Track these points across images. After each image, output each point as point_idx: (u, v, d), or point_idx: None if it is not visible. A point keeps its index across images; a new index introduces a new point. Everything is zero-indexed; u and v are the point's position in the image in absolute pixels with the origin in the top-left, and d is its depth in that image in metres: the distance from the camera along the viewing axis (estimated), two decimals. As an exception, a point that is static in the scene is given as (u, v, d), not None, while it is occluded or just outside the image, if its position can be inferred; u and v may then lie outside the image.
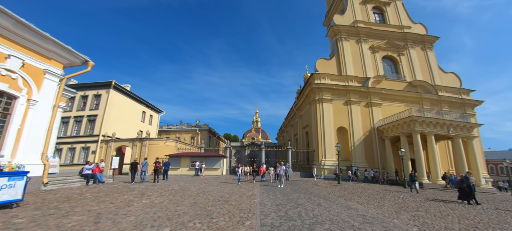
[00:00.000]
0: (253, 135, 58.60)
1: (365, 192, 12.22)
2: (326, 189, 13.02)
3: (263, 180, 16.29)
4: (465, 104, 29.04)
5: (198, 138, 42.14)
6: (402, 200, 10.00)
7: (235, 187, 12.03)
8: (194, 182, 14.26)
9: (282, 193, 10.11)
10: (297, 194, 9.99)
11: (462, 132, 20.60)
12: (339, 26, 31.50)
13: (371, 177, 21.93)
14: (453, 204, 9.54)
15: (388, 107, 26.54)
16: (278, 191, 10.94)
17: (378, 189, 14.68)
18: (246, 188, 11.75)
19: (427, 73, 30.87)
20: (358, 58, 30.17)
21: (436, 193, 14.92)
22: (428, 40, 33.44)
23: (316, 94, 26.65)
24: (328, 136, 24.45)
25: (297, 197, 8.89)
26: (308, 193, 10.40)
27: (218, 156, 24.29)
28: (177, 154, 25.11)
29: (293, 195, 9.57)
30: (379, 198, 10.09)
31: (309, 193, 10.60)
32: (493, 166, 52.54)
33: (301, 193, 10.43)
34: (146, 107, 37.62)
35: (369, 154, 24.53)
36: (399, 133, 21.78)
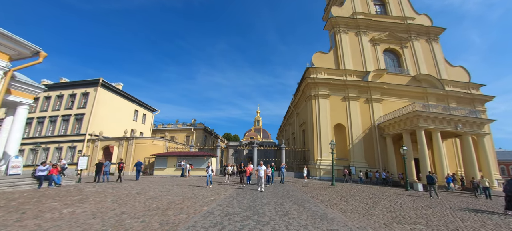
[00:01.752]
0: (252, 135, 57.07)
1: (358, 196, 10.60)
2: (314, 192, 11.43)
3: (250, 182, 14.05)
4: (474, 99, 26.86)
5: (193, 137, 40.89)
6: (399, 206, 8.33)
7: (201, 191, 10.26)
8: (164, 184, 12.82)
9: (254, 198, 8.50)
10: (270, 199, 8.47)
11: (471, 129, 18.60)
12: (337, 17, 29.75)
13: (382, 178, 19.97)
14: (485, 214, 7.80)
15: (390, 103, 24.62)
16: (251, 195, 9.35)
17: (376, 192, 12.98)
18: (214, 192, 10.15)
19: (432, 66, 28.79)
20: (357, 51, 28.32)
21: (452, 197, 13.10)
22: (433, 31, 31.31)
23: (312, 90, 24.97)
24: (325, 134, 22.74)
25: (264, 204, 7.34)
26: (286, 198, 8.85)
27: (207, 155, 22.90)
28: (164, 154, 23.87)
29: (263, 200, 8.03)
30: (371, 203, 8.47)
31: (288, 197, 9.05)
32: (504, 167, 49.71)
33: (278, 197, 8.89)
34: (139, 105, 36.59)
35: (369, 153, 22.69)
36: (401, 130, 19.90)
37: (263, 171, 11.09)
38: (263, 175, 11.01)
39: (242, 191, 10.64)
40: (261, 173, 11.03)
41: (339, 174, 21.60)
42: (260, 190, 10.76)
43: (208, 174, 12.04)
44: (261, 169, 11.15)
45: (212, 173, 12.06)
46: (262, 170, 11.10)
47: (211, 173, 12.01)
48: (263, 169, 11.15)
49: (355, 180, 20.55)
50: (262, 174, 10.99)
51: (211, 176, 12.01)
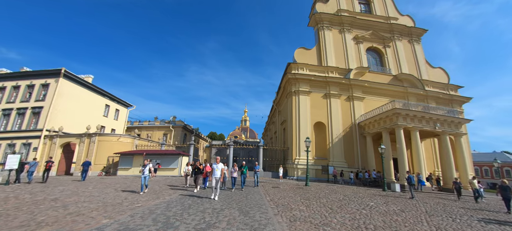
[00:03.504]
0: (237, 134, 55.47)
1: (326, 198, 9.45)
2: (279, 194, 10.15)
3: (206, 186, 11.19)
4: (452, 100, 27.09)
5: (171, 135, 38.63)
6: (368, 210, 7.20)
7: (129, 197, 7.96)
8: (105, 188, 10.84)
9: (184, 207, 6.63)
10: (211, 205, 6.86)
11: (449, 128, 18.28)
12: (321, 14, 29.00)
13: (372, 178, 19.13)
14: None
15: (371, 101, 24.07)
16: (190, 202, 7.25)
17: (350, 193, 11.95)
18: (146, 198, 7.97)
19: (413, 67, 28.80)
20: (340, 48, 27.68)
21: (429, 198, 12.31)
22: (416, 32, 31.45)
23: (292, 86, 23.88)
24: (304, 132, 21.67)
25: (192, 214, 5.71)
26: (235, 204, 7.39)
27: (176, 154, 21.06)
28: (130, 152, 21.74)
29: (197, 208, 6.38)
30: (336, 208, 7.31)
31: (238, 202, 7.59)
32: (477, 168, 51.91)
33: (226, 203, 7.41)
34: (111, 100, 33.82)
35: (349, 152, 21.91)
36: (381, 128, 19.24)
37: (219, 172, 8.30)
38: (218, 176, 8.23)
39: (183, 198, 8.10)
40: (217, 173, 8.24)
41: (318, 173, 20.63)
42: (214, 197, 8.06)
43: (143, 175, 9.24)
44: (216, 168, 8.31)
45: (149, 174, 9.39)
46: (218, 170, 8.32)
47: (147, 175, 9.31)
48: (219, 168, 8.35)
49: (346, 180, 19.82)
50: (218, 175, 8.23)
51: (147, 178, 9.31)
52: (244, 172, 11.95)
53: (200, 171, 10.74)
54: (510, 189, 9.58)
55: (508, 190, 9.52)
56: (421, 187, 16.14)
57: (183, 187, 11.55)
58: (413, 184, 12.33)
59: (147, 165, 9.54)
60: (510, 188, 9.60)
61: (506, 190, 9.55)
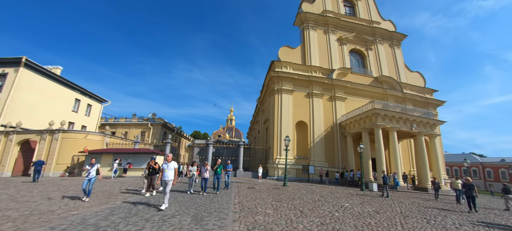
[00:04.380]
0: (220, 133, 54.16)
1: (300, 199, 8.93)
2: (250, 195, 9.46)
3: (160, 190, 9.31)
4: (428, 103, 28.23)
5: (150, 133, 36.54)
6: (341, 213, 6.72)
7: (62, 204, 6.54)
8: (45, 191, 9.44)
9: (131, 213, 5.59)
10: (154, 213, 5.84)
11: (425, 129, 18.79)
12: (307, 13, 28.88)
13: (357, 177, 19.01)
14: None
15: (352, 102, 24.27)
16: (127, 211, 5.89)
17: (327, 193, 11.57)
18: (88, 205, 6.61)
19: (393, 70, 29.65)
20: (324, 49, 27.74)
21: (405, 197, 12.25)
22: (396, 37, 32.44)
23: (275, 84, 23.38)
24: (286, 131, 21.23)
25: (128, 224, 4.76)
26: (192, 209, 6.54)
27: (150, 153, 19.63)
28: (98, 151, 19.93)
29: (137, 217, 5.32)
30: (307, 210, 6.79)
31: (196, 207, 6.73)
32: (448, 168, 55.37)
33: (180, 208, 6.51)
34: (82, 94, 31.15)
35: (329, 152, 21.84)
36: (361, 128, 19.33)
37: (170, 173, 6.41)
38: (169, 178, 6.36)
39: (133, 204, 6.71)
40: (167, 175, 6.37)
41: (298, 173, 20.29)
42: (163, 205, 6.20)
43: (87, 178, 7.38)
44: (166, 168, 6.44)
45: (95, 176, 7.62)
46: (170, 170, 6.43)
47: (93, 177, 7.51)
48: (171, 168, 6.47)
49: (331, 180, 19.66)
50: (169, 177, 6.36)
51: (92, 181, 7.49)
52: (218, 171, 10.04)
53: (155, 171, 8.94)
54: (474, 187, 9.53)
55: (472, 188, 9.44)
56: (397, 187, 16.34)
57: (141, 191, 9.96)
58: (387, 183, 12.26)
59: (94, 165, 7.84)
60: (474, 187, 9.56)
61: (470, 189, 9.46)
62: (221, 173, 10.29)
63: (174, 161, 7.09)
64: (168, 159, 6.91)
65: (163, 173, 6.63)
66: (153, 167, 8.91)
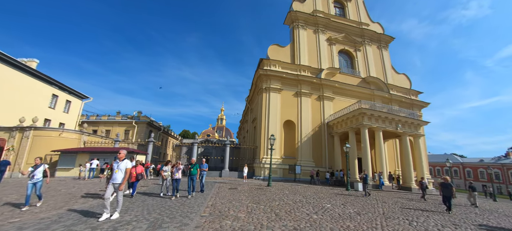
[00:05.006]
0: (209, 132, 53.08)
1: (280, 200, 8.49)
2: (228, 197, 8.91)
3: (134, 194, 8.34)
4: (413, 104, 28.79)
5: (134, 131, 35.03)
6: (320, 215, 6.32)
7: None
8: (5, 191, 8.51)
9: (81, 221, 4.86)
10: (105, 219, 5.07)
11: (409, 130, 19.00)
12: (297, 12, 28.65)
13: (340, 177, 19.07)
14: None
15: (340, 102, 24.27)
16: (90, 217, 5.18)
17: (311, 193, 11.22)
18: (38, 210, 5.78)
19: (380, 71, 30.04)
20: (314, 48, 27.62)
21: (389, 197, 12.10)
22: (384, 39, 32.92)
23: (264, 82, 22.94)
24: (273, 130, 20.82)
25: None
26: (154, 211, 5.94)
27: (129, 152, 18.55)
28: (73, 149, 18.64)
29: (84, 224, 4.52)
30: (284, 212, 6.35)
31: (160, 211, 6.05)
32: (431, 168, 57.45)
33: (141, 213, 5.86)
34: (60, 90, 29.25)
35: (317, 151, 21.66)
36: (348, 128, 19.27)
37: (120, 175, 5.30)
38: (118, 181, 5.27)
39: (89, 209, 5.90)
40: (116, 177, 5.26)
41: (285, 173, 19.94)
42: (112, 214, 5.14)
43: (31, 182, 6.08)
44: (117, 169, 5.37)
45: (41, 179, 6.30)
46: (120, 172, 5.33)
47: (39, 180, 6.22)
48: (122, 169, 5.38)
49: (322, 181, 19.45)
50: (117, 180, 5.27)
51: (39, 185, 6.22)
52: (192, 172, 8.78)
53: None
54: (452, 187, 9.21)
55: (450, 188, 9.09)
56: (382, 186, 16.34)
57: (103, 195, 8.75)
58: (367, 183, 12.11)
59: (39, 166, 6.37)
60: (451, 186, 9.19)
61: (448, 188, 9.10)
62: (196, 174, 9.08)
63: (128, 159, 5.80)
64: (119, 157, 5.47)
65: (113, 175, 5.35)
66: (111, 168, 8.00)
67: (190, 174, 8.78)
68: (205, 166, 10.38)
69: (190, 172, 8.82)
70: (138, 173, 8.52)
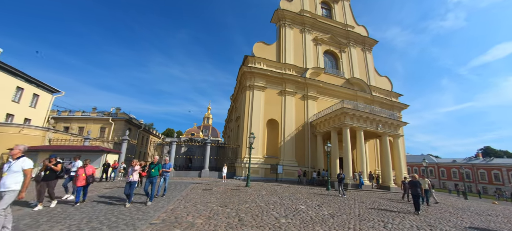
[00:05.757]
0: (193, 131, 51.49)
1: (252, 202, 7.93)
2: (194, 200, 8.15)
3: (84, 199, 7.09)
4: (394, 106, 29.58)
5: (111, 129, 32.89)
6: (289, 220, 5.81)
7: None
8: None
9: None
10: None
11: (389, 130, 19.29)
12: (284, 10, 28.33)
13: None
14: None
15: (324, 102, 24.29)
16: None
17: (288, 194, 10.76)
18: None
19: (364, 73, 30.57)
20: (300, 48, 27.47)
21: (367, 197, 11.93)
22: (368, 42, 33.58)
23: (247, 80, 22.32)
24: (256, 129, 20.27)
25: None
26: (95, 219, 5.10)
27: (99, 151, 17.14)
28: (33, 148, 16.82)
29: None
30: (249, 217, 5.74)
31: (101, 220, 5.14)
32: (409, 168, 60.09)
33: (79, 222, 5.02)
34: (27, 82, 26.64)
35: (299, 151, 21.43)
36: (330, 128, 19.20)
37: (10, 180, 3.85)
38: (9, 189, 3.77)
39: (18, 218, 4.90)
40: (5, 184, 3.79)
41: (267, 173, 19.46)
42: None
43: None
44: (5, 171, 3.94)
45: None
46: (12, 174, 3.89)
47: None
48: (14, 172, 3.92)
49: (308, 181, 19.21)
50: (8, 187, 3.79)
51: None
52: (152, 173, 7.48)
53: (55, 174, 6.61)
54: (421, 185, 8.68)
55: (418, 186, 8.56)
56: (361, 186, 16.36)
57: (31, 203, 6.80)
58: (343, 183, 12.00)
59: None
60: (420, 184, 8.68)
61: (416, 186, 8.53)
62: (156, 175, 7.72)
63: (27, 158, 4.31)
64: (12, 154, 4.13)
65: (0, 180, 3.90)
66: (52, 169, 6.56)
67: (150, 176, 7.50)
68: (169, 166, 8.98)
69: (149, 173, 7.51)
70: (89, 175, 7.09)
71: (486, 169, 48.63)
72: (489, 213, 10.82)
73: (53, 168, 6.62)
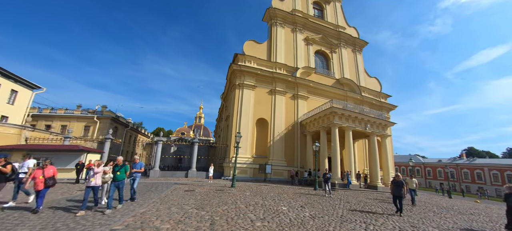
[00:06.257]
0: (184, 130, 50.51)
1: (231, 204, 7.54)
2: (170, 202, 7.71)
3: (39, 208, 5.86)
4: (382, 107, 29.98)
5: (96, 128, 31.59)
6: (267, 221, 5.49)
7: None
8: None
9: None
10: None
11: (377, 130, 19.43)
12: (276, 9, 28.11)
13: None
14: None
15: (314, 102, 24.24)
16: None
17: (273, 194, 10.49)
18: None
19: (354, 73, 30.84)
20: (291, 47, 27.35)
21: (353, 197, 11.81)
22: (359, 43, 33.90)
23: (237, 78, 21.93)
24: (245, 128, 19.93)
25: None
26: None
27: (79, 150, 16.28)
28: (8, 147, 15.79)
29: None
30: (223, 221, 5.33)
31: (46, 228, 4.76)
32: (397, 168, 61.61)
33: None
34: (4, 77, 25.09)
35: (289, 150, 21.27)
36: (319, 127, 19.13)
37: None
38: None
39: None
40: None
41: (255, 173, 19.17)
42: None
43: None
44: None
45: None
46: None
47: None
48: None
49: (300, 181, 19.08)
50: None
51: None
52: (118, 177, 6.54)
53: (5, 177, 5.94)
54: (404, 185, 8.27)
55: (402, 186, 8.17)
56: (349, 185, 16.34)
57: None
58: (328, 182, 11.88)
59: None
60: (403, 184, 8.29)
61: (399, 186, 8.16)
62: (123, 179, 6.62)
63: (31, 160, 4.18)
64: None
65: None
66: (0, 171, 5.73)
67: (115, 180, 6.47)
68: (139, 166, 7.82)
69: (115, 176, 6.50)
70: (48, 178, 6.05)
71: (469, 168, 50.37)
72: (471, 212, 10.96)
73: (1, 170, 5.87)
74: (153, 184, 13.13)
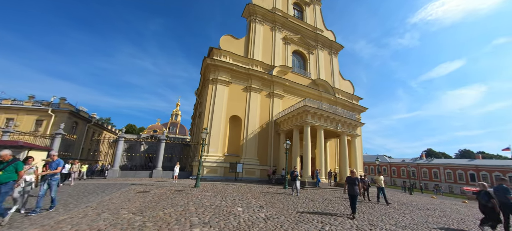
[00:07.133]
0: (156, 128, 47.54)
1: (174, 208, 6.82)
2: (107, 206, 6.72)
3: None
4: (354, 108, 31.26)
5: (50, 122, 27.97)
6: (208, 226, 4.82)
7: None
8: None
9: None
10: None
11: (348, 129, 19.97)
12: (255, 6, 27.56)
13: None
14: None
15: (290, 101, 24.25)
16: None
17: (240, 193, 9.90)
18: None
19: (329, 75, 31.67)
20: (269, 45, 27.05)
21: (321, 195, 11.68)
22: (335, 47, 34.91)
23: (211, 73, 20.94)
24: (217, 125, 19.07)
25: None
26: None
27: (19, 146, 13.93)
28: None
29: None
30: (155, 229, 4.54)
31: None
32: (366, 167, 65.68)
33: None
34: None
35: (262, 149, 20.90)
36: (293, 126, 19.05)
37: None
38: None
39: None
40: None
41: (226, 172, 18.42)
42: None
43: None
44: None
45: None
46: None
47: None
48: None
49: (276, 179, 18.75)
50: None
51: None
52: (1, 179, 4.65)
53: None
54: (358, 183, 7.37)
55: (355, 184, 7.26)
56: (318, 184, 16.46)
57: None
58: (296, 181, 11.76)
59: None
60: (358, 182, 7.40)
61: (354, 184, 7.27)
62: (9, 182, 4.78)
63: None
64: None
65: None
66: None
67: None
68: (55, 165, 6.10)
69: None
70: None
71: (428, 168, 55.48)
72: (428, 207, 11.53)
73: None
74: (106, 186, 11.68)
